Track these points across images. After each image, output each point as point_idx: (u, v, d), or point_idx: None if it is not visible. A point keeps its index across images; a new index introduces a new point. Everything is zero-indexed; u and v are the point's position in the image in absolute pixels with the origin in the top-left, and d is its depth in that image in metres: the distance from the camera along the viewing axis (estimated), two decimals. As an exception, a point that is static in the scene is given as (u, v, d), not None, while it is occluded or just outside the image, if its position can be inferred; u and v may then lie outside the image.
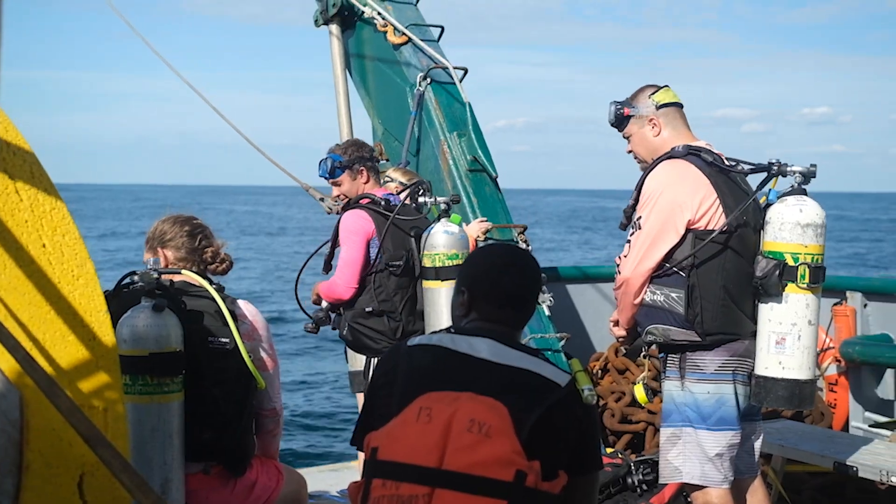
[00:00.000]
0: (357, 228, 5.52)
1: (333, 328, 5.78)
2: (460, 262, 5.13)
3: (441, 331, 3.07)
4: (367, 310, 5.49)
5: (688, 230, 4.16)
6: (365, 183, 5.82)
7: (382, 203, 5.60)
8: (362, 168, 5.82)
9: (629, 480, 5.36)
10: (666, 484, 5.10)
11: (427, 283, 5.30)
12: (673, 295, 4.17)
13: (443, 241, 5.23)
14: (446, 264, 5.16)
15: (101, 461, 2.49)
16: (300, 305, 5.96)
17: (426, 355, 2.96)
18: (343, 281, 5.49)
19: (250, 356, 3.99)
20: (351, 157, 5.80)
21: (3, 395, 2.55)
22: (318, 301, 5.77)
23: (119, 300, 3.78)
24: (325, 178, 5.89)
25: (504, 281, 3.09)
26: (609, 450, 6.13)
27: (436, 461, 2.71)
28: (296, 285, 5.98)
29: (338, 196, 5.93)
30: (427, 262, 5.27)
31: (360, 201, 5.64)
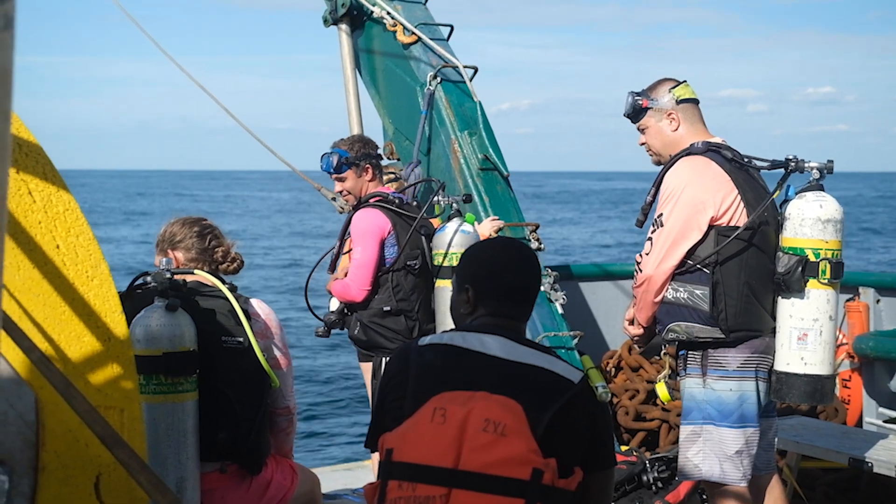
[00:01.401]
0: (371, 228, 5.46)
1: (342, 329, 5.72)
2: None
3: (451, 330, 3.06)
4: (384, 309, 5.43)
5: (710, 227, 4.15)
6: (370, 181, 5.76)
7: (396, 202, 5.57)
8: (368, 166, 5.75)
9: (644, 478, 5.35)
10: (681, 481, 5.09)
11: (441, 282, 5.29)
12: (697, 292, 4.14)
13: (459, 241, 5.24)
14: None
15: (118, 461, 2.48)
16: (311, 311, 5.92)
17: (437, 354, 2.94)
18: (357, 283, 5.43)
19: (264, 355, 3.98)
20: (358, 154, 5.74)
21: (19, 397, 2.55)
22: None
23: (132, 301, 3.78)
24: (329, 173, 5.81)
25: (508, 274, 3.08)
26: (624, 447, 6.11)
27: (452, 462, 2.70)
28: (305, 291, 5.93)
29: (340, 192, 5.86)
30: (444, 262, 5.25)
31: (371, 200, 5.61)
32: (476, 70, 7.36)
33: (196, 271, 4.06)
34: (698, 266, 4.15)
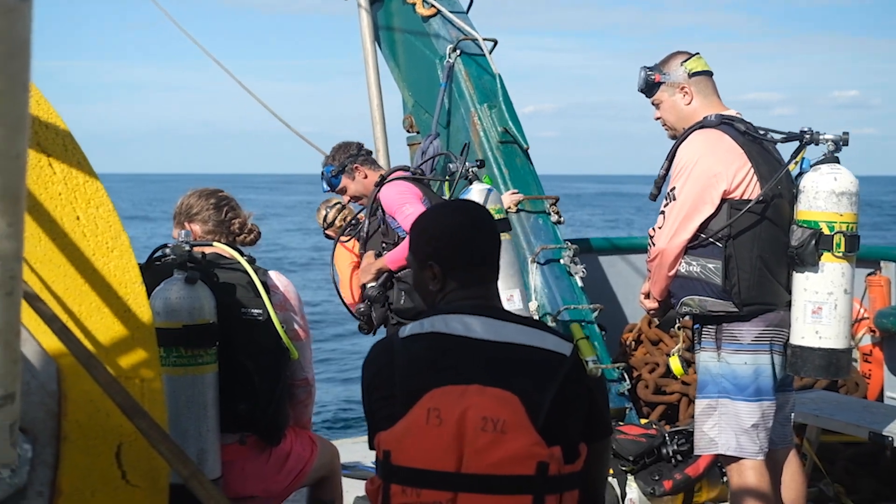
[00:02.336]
0: (407, 190, 5.46)
1: (382, 305, 5.62)
2: (501, 216, 5.17)
3: (431, 314, 2.88)
4: None
5: (723, 200, 4.13)
6: (365, 178, 5.76)
7: (418, 172, 5.63)
8: (356, 165, 5.76)
9: (663, 451, 5.36)
10: (700, 455, 5.09)
11: None
12: (710, 266, 4.13)
13: (480, 200, 5.33)
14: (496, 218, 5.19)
15: (139, 431, 2.50)
16: (343, 302, 5.93)
17: (422, 345, 2.81)
18: None
19: (283, 326, 4.00)
20: (341, 161, 5.77)
21: (41, 367, 2.57)
22: (371, 280, 5.53)
23: (151, 273, 3.78)
24: (332, 192, 5.90)
25: (472, 242, 2.94)
26: (643, 420, 6.12)
27: (454, 465, 2.63)
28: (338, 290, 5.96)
29: (350, 199, 5.88)
30: None
31: (393, 174, 5.62)
32: (496, 43, 7.34)
33: (214, 244, 4.06)
34: (711, 240, 4.14)
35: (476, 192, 5.30)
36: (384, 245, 5.52)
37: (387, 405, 2.76)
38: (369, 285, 5.49)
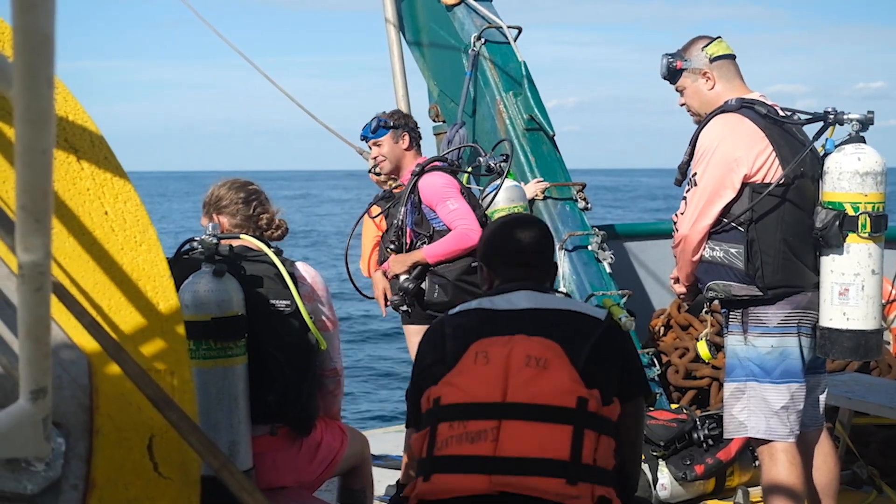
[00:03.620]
0: (449, 181, 5.50)
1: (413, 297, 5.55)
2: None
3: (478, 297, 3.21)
4: (473, 265, 5.29)
5: (744, 184, 4.11)
6: (406, 150, 5.77)
7: (453, 165, 5.68)
8: (405, 133, 5.78)
9: (695, 436, 5.35)
10: (731, 439, 5.08)
11: None
12: (732, 250, 4.12)
13: (505, 196, 5.35)
14: None
15: (170, 424, 2.52)
16: (349, 272, 5.97)
17: (470, 317, 3.08)
18: (472, 225, 5.33)
19: (311, 317, 4.01)
20: (396, 121, 5.80)
21: (73, 362, 2.59)
22: (403, 272, 5.51)
23: (180, 266, 3.80)
24: (367, 139, 5.85)
25: (512, 241, 3.25)
26: (674, 405, 6.11)
27: (500, 396, 2.80)
28: (346, 258, 5.98)
29: (375, 157, 5.85)
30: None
31: (433, 163, 5.62)
32: (520, 30, 7.33)
33: (242, 236, 4.08)
34: (733, 224, 4.12)
35: (507, 188, 5.36)
36: (417, 235, 5.52)
37: (438, 368, 2.97)
38: (402, 277, 5.49)
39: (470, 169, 5.99)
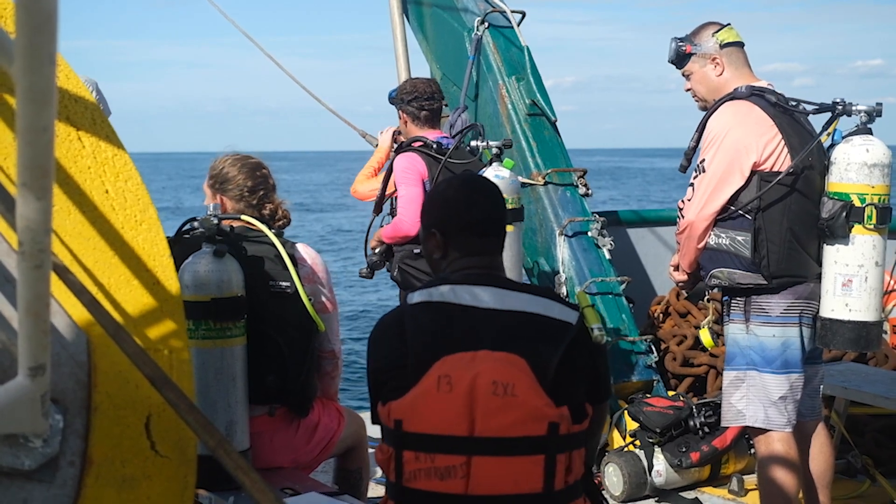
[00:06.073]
0: (410, 167, 5.56)
1: (388, 270, 5.85)
2: (512, 206, 5.09)
3: (438, 283, 2.92)
4: (415, 251, 5.50)
5: (753, 172, 4.11)
6: (405, 126, 5.88)
7: (434, 146, 5.60)
8: (401, 111, 5.88)
9: (691, 423, 5.36)
10: (727, 427, 5.09)
11: None
12: (739, 238, 4.12)
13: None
14: None
15: (167, 402, 2.53)
16: (366, 256, 6.02)
17: (431, 314, 2.84)
18: (409, 217, 5.45)
19: (310, 299, 4.02)
20: (397, 97, 5.89)
21: (72, 339, 2.59)
22: (377, 247, 5.82)
23: (180, 246, 3.81)
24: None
25: (474, 209, 3.00)
26: (671, 392, 6.13)
27: (466, 429, 2.67)
28: (366, 241, 6.00)
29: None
30: None
31: (413, 144, 5.65)
32: (524, 15, 7.31)
33: (242, 216, 4.08)
34: (740, 212, 4.12)
35: (487, 177, 5.26)
36: (392, 211, 5.77)
37: (399, 375, 2.78)
38: (373, 250, 5.85)
39: (485, 154, 5.95)
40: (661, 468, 5.28)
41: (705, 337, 4.65)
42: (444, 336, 2.79)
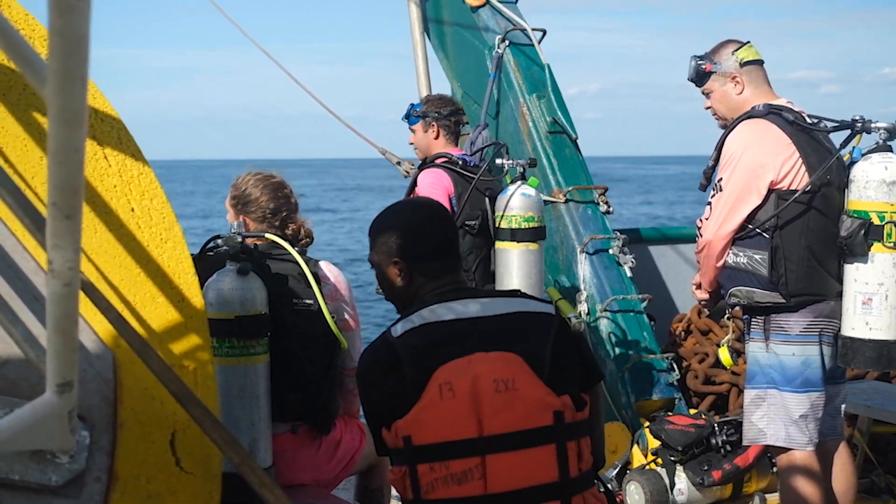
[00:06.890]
0: (437, 182, 5.48)
1: None
2: (536, 224, 5.11)
3: (413, 311, 2.93)
4: None
5: (770, 191, 4.11)
6: (435, 139, 5.76)
7: (459, 163, 5.59)
8: (434, 123, 5.76)
9: (713, 441, 5.34)
10: (750, 445, 5.08)
11: (501, 245, 5.25)
12: (756, 257, 4.12)
13: (519, 204, 5.20)
14: (522, 226, 5.12)
15: (192, 419, 2.54)
16: None
17: (419, 337, 2.85)
18: None
19: (333, 317, 4.03)
20: (428, 109, 5.78)
21: (98, 356, 2.62)
22: None
23: (204, 264, 3.82)
24: (405, 120, 5.91)
25: (433, 234, 3.05)
26: (693, 411, 6.10)
27: (476, 431, 2.69)
28: None
29: (412, 143, 5.91)
30: (503, 224, 5.22)
31: (437, 160, 5.63)
32: (545, 33, 7.34)
33: (266, 234, 4.09)
34: (758, 230, 4.12)
35: (507, 193, 5.25)
36: None
37: (401, 400, 2.78)
38: None
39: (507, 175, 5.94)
40: (683, 486, 5.26)
41: (724, 355, 4.64)
42: (437, 351, 2.81)
